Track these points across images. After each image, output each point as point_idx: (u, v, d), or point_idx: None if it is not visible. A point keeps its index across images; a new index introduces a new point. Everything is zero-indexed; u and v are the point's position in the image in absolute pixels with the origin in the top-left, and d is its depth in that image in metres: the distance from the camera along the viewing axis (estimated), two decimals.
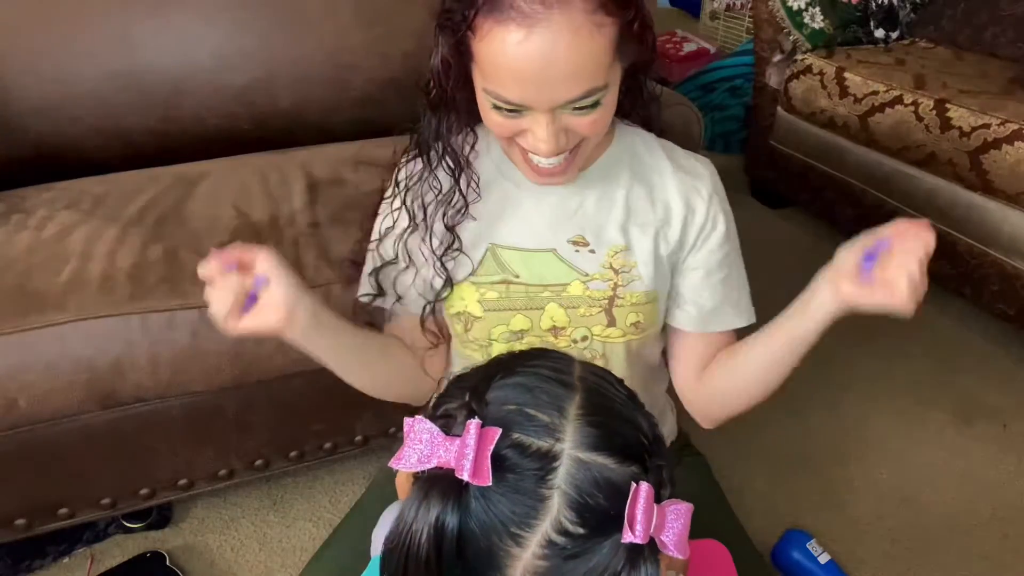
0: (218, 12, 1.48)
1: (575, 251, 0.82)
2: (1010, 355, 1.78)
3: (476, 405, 0.48)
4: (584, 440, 0.47)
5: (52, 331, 1.04)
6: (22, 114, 1.38)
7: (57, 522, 1.20)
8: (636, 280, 0.82)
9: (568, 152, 0.73)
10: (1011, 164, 1.59)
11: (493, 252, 0.82)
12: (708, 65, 2.86)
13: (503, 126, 0.71)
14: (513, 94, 0.67)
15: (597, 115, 0.70)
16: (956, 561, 1.32)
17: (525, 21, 0.63)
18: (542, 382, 0.50)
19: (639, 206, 0.83)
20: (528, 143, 0.71)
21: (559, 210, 0.82)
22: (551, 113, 0.68)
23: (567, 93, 0.66)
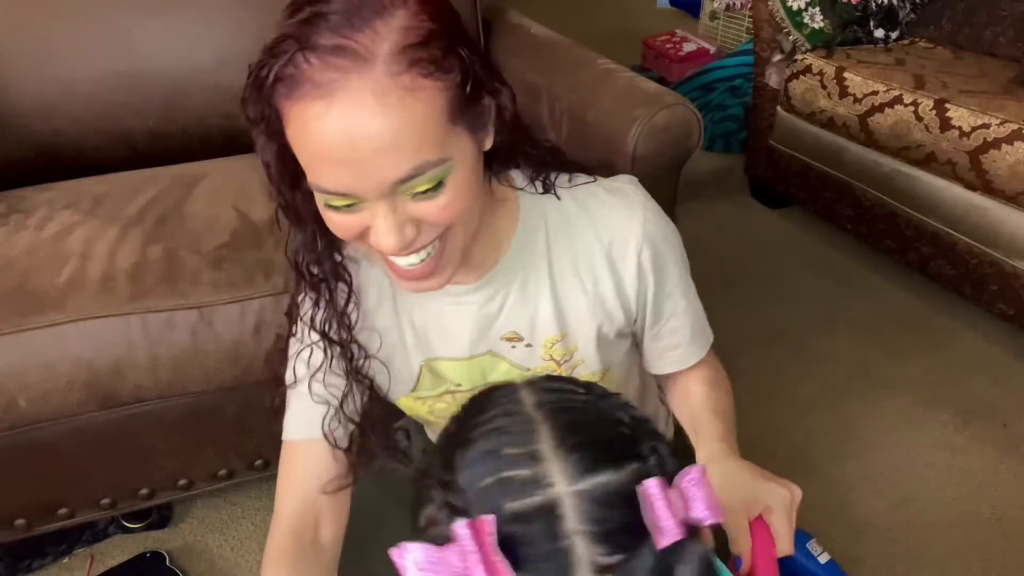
0: (218, 12, 1.48)
1: (511, 347, 0.75)
2: (1010, 355, 1.78)
3: (453, 499, 0.44)
4: (573, 471, 0.43)
5: (52, 331, 1.04)
6: (22, 114, 1.38)
7: (57, 522, 1.20)
8: (580, 364, 0.77)
9: (431, 248, 0.62)
10: (1011, 164, 1.59)
11: (429, 367, 0.77)
12: (708, 65, 2.86)
13: (344, 226, 0.60)
14: (331, 181, 0.57)
15: (447, 198, 0.58)
16: (956, 561, 1.32)
17: (320, 92, 0.53)
18: (501, 436, 0.46)
19: (566, 289, 0.74)
20: (375, 240, 0.60)
21: (481, 317, 0.74)
22: (387, 201, 0.57)
23: (391, 173, 0.55)
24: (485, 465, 0.44)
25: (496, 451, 0.45)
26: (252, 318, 1.11)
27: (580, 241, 0.73)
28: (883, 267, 2.07)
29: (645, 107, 1.27)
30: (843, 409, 1.64)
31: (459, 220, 0.61)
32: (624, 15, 4.02)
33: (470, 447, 0.46)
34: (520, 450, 0.44)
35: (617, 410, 0.49)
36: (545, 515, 0.42)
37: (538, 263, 0.73)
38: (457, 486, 0.44)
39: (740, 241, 2.19)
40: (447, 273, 0.65)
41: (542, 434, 0.45)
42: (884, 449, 1.54)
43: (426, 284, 0.65)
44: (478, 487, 0.44)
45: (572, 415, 0.47)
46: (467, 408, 0.50)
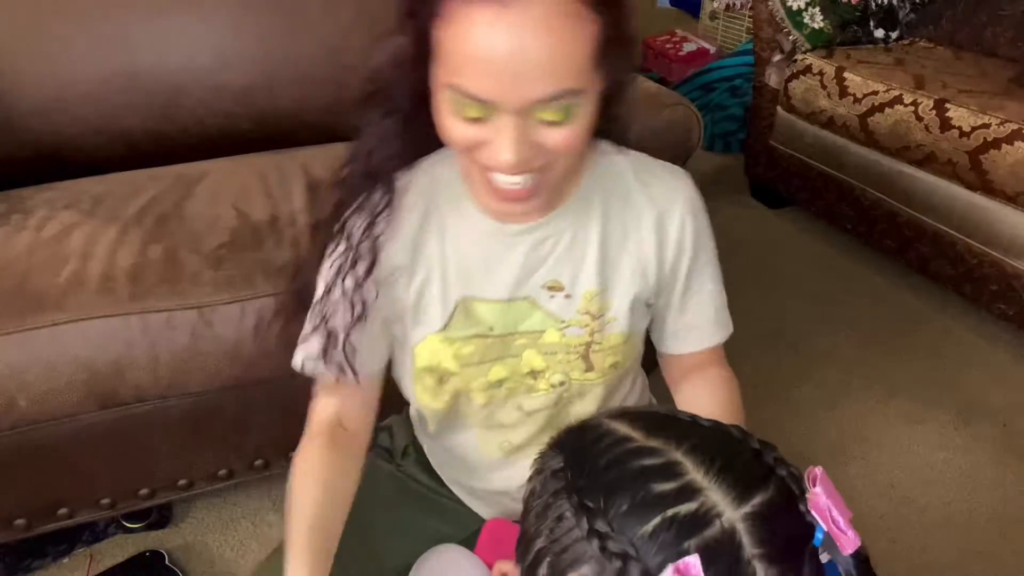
0: (218, 13, 1.48)
1: (550, 297, 0.77)
2: (1010, 355, 1.78)
3: (616, 549, 0.40)
4: (733, 495, 0.42)
5: (52, 331, 1.04)
6: (22, 114, 1.38)
7: (57, 522, 1.20)
8: (612, 322, 0.79)
9: (534, 176, 0.65)
10: (1011, 164, 1.59)
11: (465, 306, 0.77)
12: (708, 65, 2.86)
13: (460, 135, 0.63)
14: (476, 86, 0.59)
15: (569, 130, 0.62)
16: (956, 561, 1.32)
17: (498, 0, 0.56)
18: (642, 475, 0.43)
19: (614, 245, 0.77)
20: (489, 155, 0.62)
21: (532, 257, 0.76)
22: (518, 117, 0.60)
23: (539, 89, 0.59)
24: (642, 509, 0.42)
25: (647, 491, 0.42)
26: (252, 318, 1.11)
27: (633, 204, 0.77)
28: (883, 267, 2.07)
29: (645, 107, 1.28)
30: (843, 409, 1.64)
31: (569, 156, 0.65)
32: None
33: (615, 494, 0.43)
34: (673, 485, 0.43)
35: (723, 427, 0.49)
36: (727, 544, 0.41)
37: (592, 216, 0.76)
38: (618, 536, 0.41)
39: (740, 241, 2.19)
40: (539, 201, 0.69)
41: (686, 464, 0.43)
42: (884, 449, 1.54)
43: (519, 207, 0.68)
44: (644, 533, 0.41)
45: (696, 439, 0.46)
46: (570, 458, 0.47)
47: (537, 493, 0.47)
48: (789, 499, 0.44)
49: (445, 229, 0.76)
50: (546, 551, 0.44)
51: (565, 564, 0.43)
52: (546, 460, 0.48)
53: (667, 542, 0.40)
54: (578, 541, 0.42)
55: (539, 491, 0.47)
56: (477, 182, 0.68)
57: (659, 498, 0.42)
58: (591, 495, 0.43)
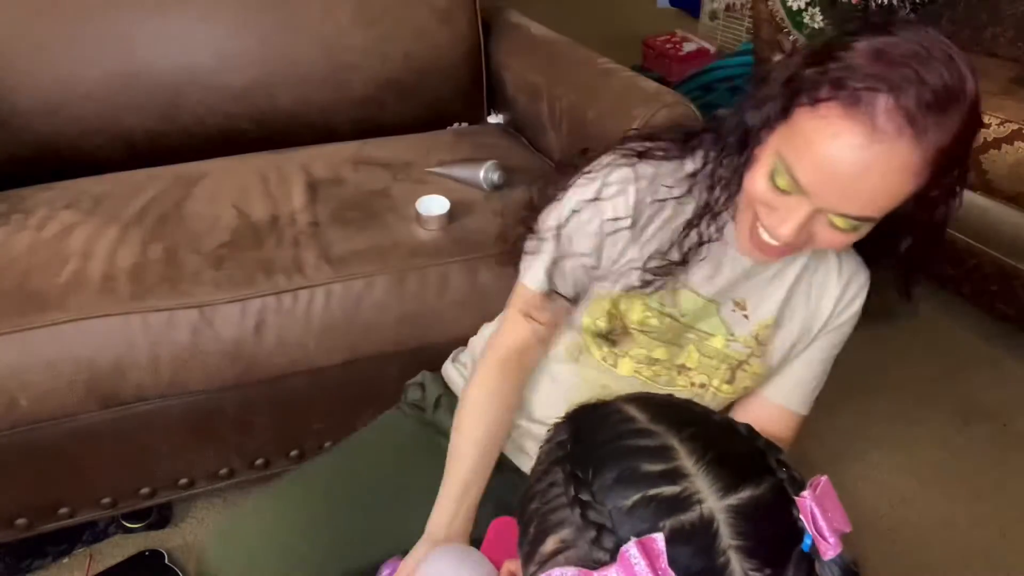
0: (218, 12, 1.48)
1: (732, 311, 0.84)
2: (1010, 355, 1.78)
3: (596, 519, 0.42)
4: (719, 486, 0.42)
5: (52, 331, 1.04)
6: (22, 114, 1.38)
7: (57, 522, 1.20)
8: (768, 355, 0.86)
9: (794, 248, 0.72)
10: (1011, 164, 1.59)
11: (674, 289, 0.82)
12: (708, 65, 2.85)
13: (763, 195, 0.69)
14: (809, 179, 0.64)
15: (847, 238, 0.69)
16: (956, 561, 1.32)
17: (873, 132, 0.61)
18: (634, 454, 0.44)
19: (800, 292, 0.84)
20: (771, 221, 0.69)
21: (746, 272, 0.82)
22: (814, 210, 0.66)
23: (852, 208, 0.65)
24: (626, 485, 0.43)
25: (634, 469, 0.43)
26: (253, 317, 1.11)
27: (827, 268, 0.85)
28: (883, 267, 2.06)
29: (645, 107, 1.28)
30: (843, 409, 1.64)
31: (837, 249, 0.75)
32: (624, 15, 4.02)
33: (604, 468, 0.44)
34: (661, 467, 0.43)
35: (733, 423, 0.50)
36: (702, 531, 0.41)
37: (795, 266, 0.83)
38: (598, 507, 0.42)
39: None
40: (786, 257, 0.78)
41: (679, 450, 0.44)
42: (884, 449, 1.54)
43: (768, 257, 0.75)
44: (623, 507, 0.42)
45: (697, 428, 0.46)
46: (575, 431, 0.49)
47: (541, 459, 0.50)
48: (781, 500, 0.45)
49: (699, 224, 0.80)
50: (535, 512, 0.46)
51: (549, 526, 0.45)
52: (557, 431, 0.50)
53: (643, 519, 0.41)
54: (562, 507, 0.44)
55: (543, 458, 0.49)
56: (744, 222, 0.74)
57: (644, 477, 0.43)
58: (582, 466, 0.45)
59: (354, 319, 1.15)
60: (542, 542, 0.45)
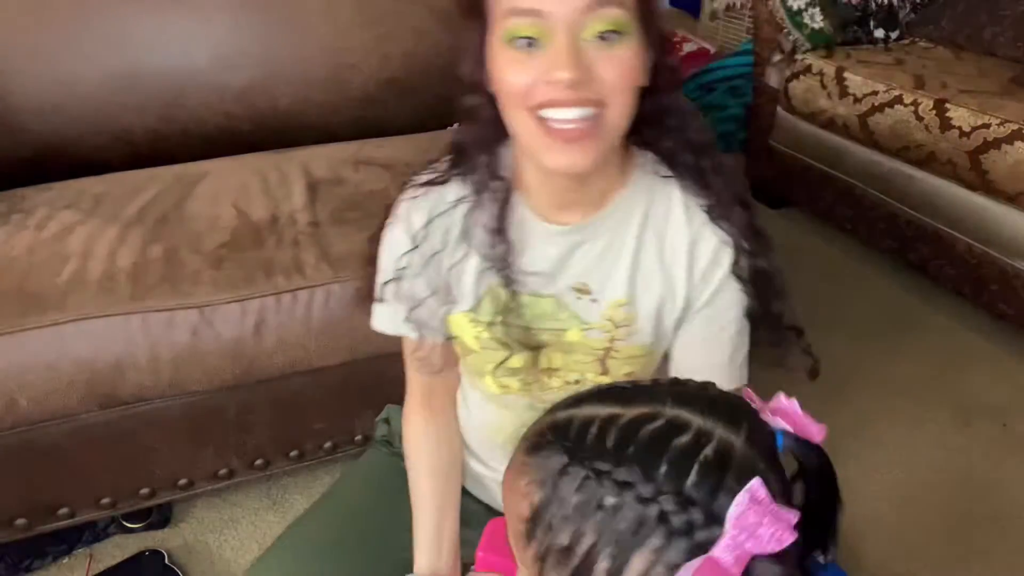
0: (218, 12, 1.48)
1: (576, 298, 0.79)
2: (1010, 355, 1.78)
3: (692, 501, 0.41)
4: (732, 428, 0.45)
5: (52, 331, 1.04)
6: (22, 114, 1.38)
7: (57, 522, 1.20)
8: (635, 335, 0.79)
9: (590, 112, 0.65)
10: (1011, 164, 1.59)
11: (494, 292, 0.79)
12: (708, 65, 2.85)
13: (521, 78, 0.65)
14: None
15: (623, 54, 0.65)
16: (956, 561, 1.32)
17: None
18: (662, 437, 0.44)
19: (647, 259, 0.78)
20: (547, 81, 0.64)
21: (565, 254, 0.77)
22: (570, 33, 0.63)
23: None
24: (679, 466, 0.43)
25: (674, 449, 0.43)
26: (252, 317, 1.11)
27: (674, 226, 0.77)
28: (883, 267, 2.07)
29: None
30: (843, 409, 1.64)
31: (622, 93, 0.66)
32: None
33: (646, 462, 0.43)
34: (689, 436, 0.44)
35: (675, 379, 0.51)
36: (750, 468, 0.44)
37: (630, 229, 0.77)
38: (674, 496, 0.42)
39: None
40: (596, 151, 0.68)
41: (683, 415, 0.45)
42: (884, 449, 1.54)
43: (576, 153, 0.67)
44: (690, 483, 0.42)
45: (667, 393, 0.48)
46: (570, 454, 0.45)
47: (552, 500, 0.45)
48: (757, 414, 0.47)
49: (490, 216, 0.78)
50: (600, 544, 0.42)
51: (628, 546, 0.42)
52: (541, 470, 0.46)
53: (714, 483, 0.41)
54: (633, 517, 0.42)
55: (554, 496, 0.45)
56: (534, 139, 0.68)
57: (685, 451, 0.43)
58: (622, 472, 0.43)
59: (354, 319, 1.15)
60: (626, 564, 0.42)
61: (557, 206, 0.76)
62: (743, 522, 0.40)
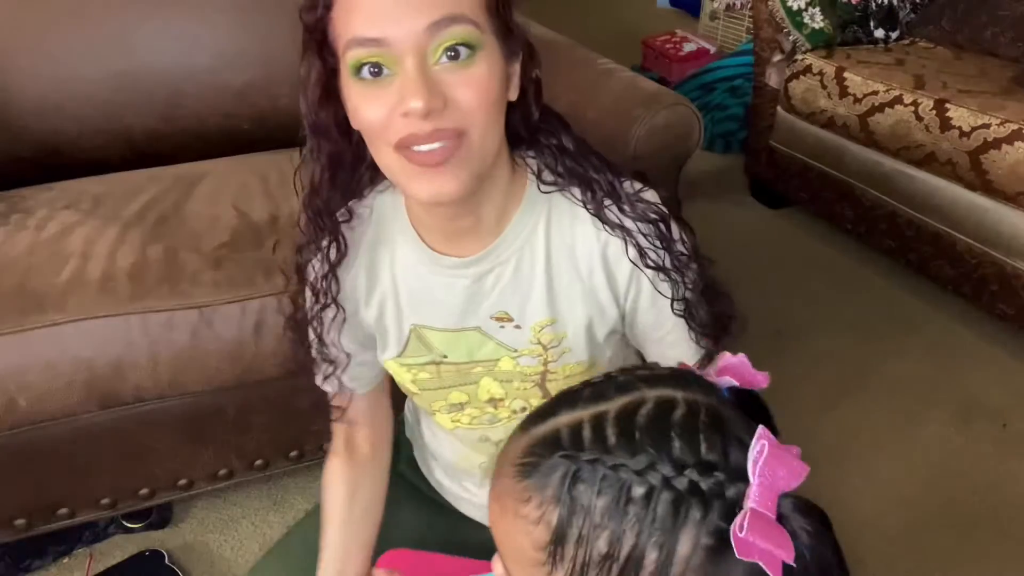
0: (218, 13, 1.48)
1: (500, 327, 0.76)
2: (1010, 355, 1.78)
3: (715, 466, 0.42)
4: (709, 391, 0.47)
5: (52, 331, 1.04)
6: (22, 114, 1.38)
7: (57, 522, 1.20)
8: (567, 353, 0.77)
9: (447, 135, 0.61)
10: (1011, 164, 1.59)
11: (417, 333, 0.77)
12: (708, 65, 2.86)
13: (376, 112, 0.61)
14: (369, 24, 0.59)
15: (476, 73, 0.60)
16: (956, 561, 1.32)
17: None
18: (659, 418, 0.44)
19: (562, 274, 0.74)
20: (403, 115, 0.60)
21: (475, 289, 0.75)
22: (418, 58, 0.59)
23: (426, 14, 0.58)
24: (690, 440, 0.43)
25: (676, 427, 0.43)
26: (252, 318, 1.11)
27: (580, 233, 0.74)
28: (883, 267, 2.07)
29: (645, 107, 1.28)
30: (843, 409, 1.64)
31: (481, 115, 0.62)
32: (624, 15, 4.02)
33: (659, 447, 0.42)
34: (682, 411, 0.44)
35: (631, 366, 0.52)
36: (733, 419, 0.46)
37: (536, 246, 0.74)
38: (690, 468, 0.41)
39: (740, 241, 2.19)
40: (462, 174, 0.63)
41: (666, 392, 0.46)
42: (884, 449, 1.54)
43: (440, 177, 0.63)
44: (706, 449, 0.43)
45: (638, 378, 0.48)
46: (572, 464, 0.43)
47: (574, 511, 0.42)
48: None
49: (393, 258, 0.76)
50: (643, 538, 0.40)
51: (672, 528, 0.40)
52: (548, 487, 0.43)
53: (722, 443, 0.42)
54: (668, 498, 0.40)
55: (575, 507, 0.42)
56: (399, 173, 0.65)
57: (686, 423, 0.43)
58: (640, 460, 0.41)
59: None
60: (675, 547, 0.40)
61: (451, 238, 0.72)
62: (766, 467, 0.40)
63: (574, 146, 0.73)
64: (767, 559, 0.38)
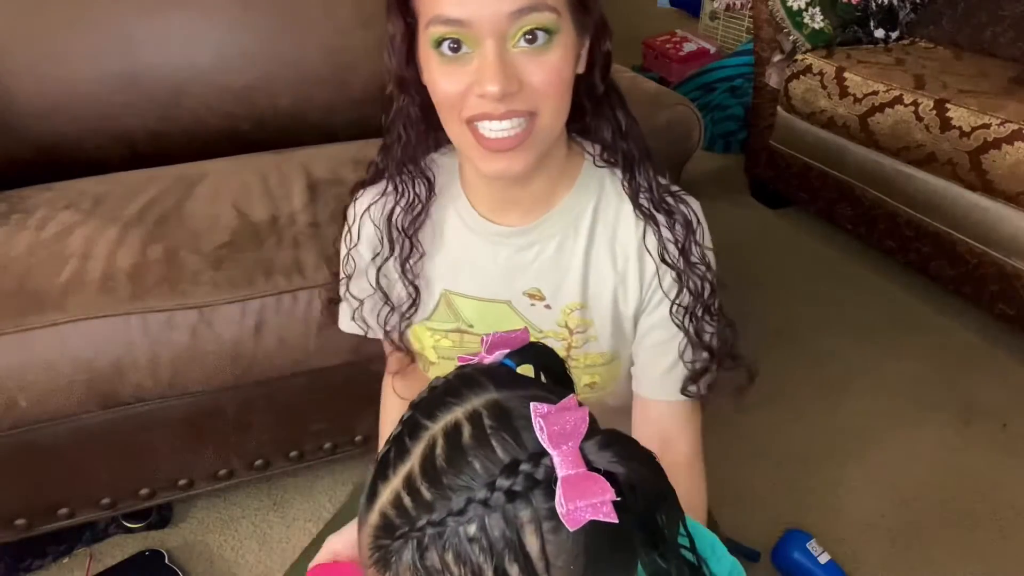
0: (218, 12, 1.48)
1: (530, 304, 0.77)
2: (1010, 355, 1.78)
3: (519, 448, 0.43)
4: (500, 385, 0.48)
5: (52, 331, 1.04)
6: (22, 114, 1.38)
7: (57, 522, 1.20)
8: (592, 341, 0.77)
9: (522, 121, 0.64)
10: (1011, 164, 1.59)
11: (447, 299, 0.79)
12: (708, 65, 2.86)
13: (451, 86, 0.64)
14: (455, 5, 0.61)
15: (551, 60, 0.63)
16: (955, 561, 1.32)
17: None
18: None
19: (600, 260, 0.75)
20: (478, 94, 0.63)
21: (515, 260, 0.76)
22: (498, 43, 0.61)
23: (510, 1, 0.60)
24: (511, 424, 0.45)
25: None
26: (252, 318, 1.11)
27: (624, 220, 0.75)
28: (883, 267, 2.07)
29: (645, 107, 1.28)
30: (843, 409, 1.64)
31: (553, 98, 0.65)
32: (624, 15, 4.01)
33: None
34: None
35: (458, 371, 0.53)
36: (520, 409, 0.47)
37: (580, 228, 0.75)
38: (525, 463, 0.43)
39: (740, 241, 2.19)
40: (530, 155, 0.67)
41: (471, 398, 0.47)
42: (884, 449, 1.54)
43: (509, 159, 0.66)
44: (529, 438, 0.44)
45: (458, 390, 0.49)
46: (450, 479, 0.44)
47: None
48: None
49: (439, 220, 0.78)
50: (497, 560, 0.42)
51: (514, 538, 0.42)
52: (401, 573, 0.44)
53: (512, 435, 0.44)
54: (496, 518, 0.42)
55: (433, 574, 0.43)
56: (469, 148, 0.67)
57: (477, 439, 0.44)
58: (458, 500, 0.42)
59: None
60: (525, 550, 0.42)
61: (500, 207, 0.75)
62: (554, 434, 0.42)
63: (626, 125, 0.75)
64: (596, 511, 0.40)
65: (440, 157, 0.80)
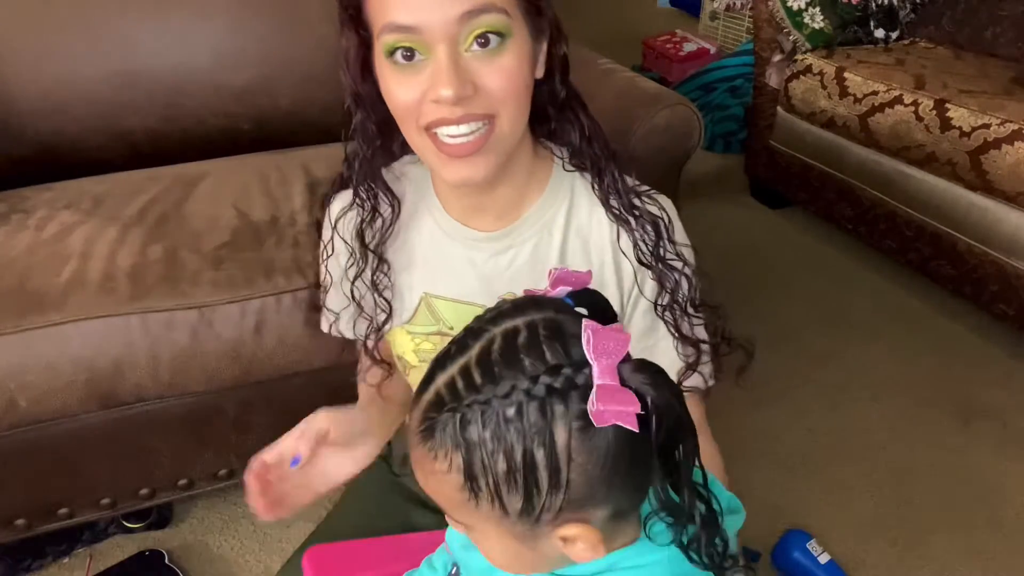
0: (218, 12, 1.48)
1: None
2: (1010, 355, 1.78)
3: (562, 369, 0.48)
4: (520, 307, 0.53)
5: (52, 331, 1.04)
6: (22, 114, 1.38)
7: (57, 522, 1.20)
8: None
9: (481, 126, 0.64)
10: (1011, 164, 1.59)
11: (428, 302, 0.79)
12: (708, 65, 2.86)
13: (407, 95, 0.64)
14: (403, 11, 0.61)
15: (505, 63, 0.63)
16: (955, 561, 1.32)
17: None
18: (528, 348, 0.50)
19: (575, 263, 0.76)
20: (433, 100, 0.63)
21: (491, 264, 0.76)
22: (450, 47, 0.61)
23: (460, 2, 0.60)
24: (531, 352, 0.50)
25: (521, 348, 0.50)
26: (252, 318, 1.11)
27: (597, 223, 0.76)
28: (883, 267, 2.07)
29: (645, 107, 1.28)
30: (843, 409, 1.64)
31: (510, 102, 0.65)
32: (624, 15, 4.03)
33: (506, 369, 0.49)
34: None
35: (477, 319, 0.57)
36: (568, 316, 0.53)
37: (554, 232, 0.76)
38: (555, 369, 0.48)
39: (740, 241, 2.19)
40: (491, 161, 0.67)
41: (508, 325, 0.52)
42: (884, 449, 1.54)
43: (470, 165, 0.66)
44: (571, 347, 0.49)
45: (489, 321, 0.54)
46: (501, 370, 0.50)
47: (472, 448, 0.49)
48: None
49: (414, 225, 0.79)
50: (527, 443, 0.47)
51: (544, 427, 0.47)
52: (445, 441, 0.49)
53: (561, 344, 0.49)
54: (534, 406, 0.47)
55: (471, 445, 0.48)
56: (430, 156, 0.68)
57: (530, 342, 0.49)
58: (503, 387, 0.48)
59: None
60: (554, 441, 0.47)
61: (472, 213, 0.76)
62: (598, 348, 0.47)
63: (590, 128, 0.75)
64: (622, 418, 0.46)
65: (412, 167, 0.80)
